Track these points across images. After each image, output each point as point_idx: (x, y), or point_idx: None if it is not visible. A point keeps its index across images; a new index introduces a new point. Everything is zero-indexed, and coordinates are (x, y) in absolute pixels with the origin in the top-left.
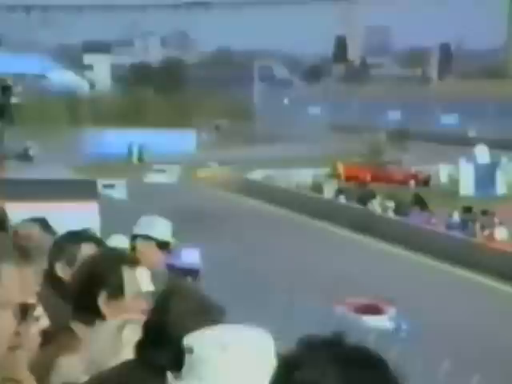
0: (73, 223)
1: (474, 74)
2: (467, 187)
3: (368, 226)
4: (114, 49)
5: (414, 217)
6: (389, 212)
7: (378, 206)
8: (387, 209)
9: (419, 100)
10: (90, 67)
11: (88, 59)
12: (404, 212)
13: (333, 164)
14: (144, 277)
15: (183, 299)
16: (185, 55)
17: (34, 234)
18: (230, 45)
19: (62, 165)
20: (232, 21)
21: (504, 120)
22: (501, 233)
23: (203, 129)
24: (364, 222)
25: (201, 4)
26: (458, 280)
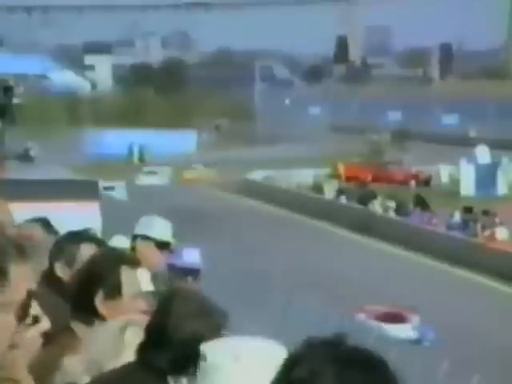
0: (74, 223)
1: (475, 75)
2: (468, 187)
3: (368, 227)
4: (115, 49)
5: (415, 217)
6: (390, 212)
7: (379, 207)
8: (388, 209)
9: (420, 100)
10: (91, 67)
11: (89, 60)
12: (405, 212)
13: (333, 164)
14: (143, 277)
15: (185, 302)
16: (185, 55)
17: (36, 234)
18: (231, 45)
19: (63, 165)
20: (232, 21)
21: (505, 120)
22: (501, 233)
23: (204, 129)
24: (364, 223)
25: (201, 4)
26: (458, 280)
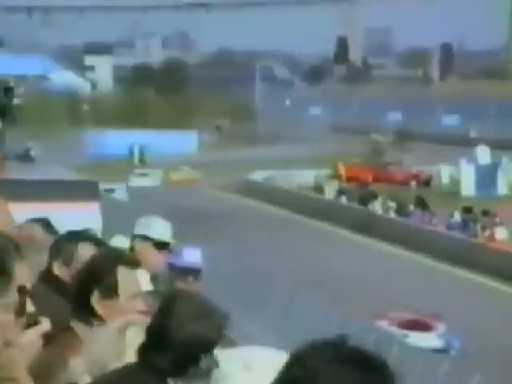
0: (75, 224)
1: (475, 75)
2: (468, 188)
3: (369, 227)
4: (115, 50)
5: (416, 218)
6: (390, 213)
7: (380, 207)
8: (389, 209)
9: (420, 100)
10: (92, 68)
11: (89, 60)
12: (405, 213)
13: (334, 165)
14: (142, 277)
15: (186, 303)
16: (186, 56)
17: (37, 235)
18: (231, 45)
19: (63, 165)
20: (233, 21)
21: (505, 120)
22: (501, 233)
23: (204, 129)
24: (365, 223)
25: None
26: (458, 280)
